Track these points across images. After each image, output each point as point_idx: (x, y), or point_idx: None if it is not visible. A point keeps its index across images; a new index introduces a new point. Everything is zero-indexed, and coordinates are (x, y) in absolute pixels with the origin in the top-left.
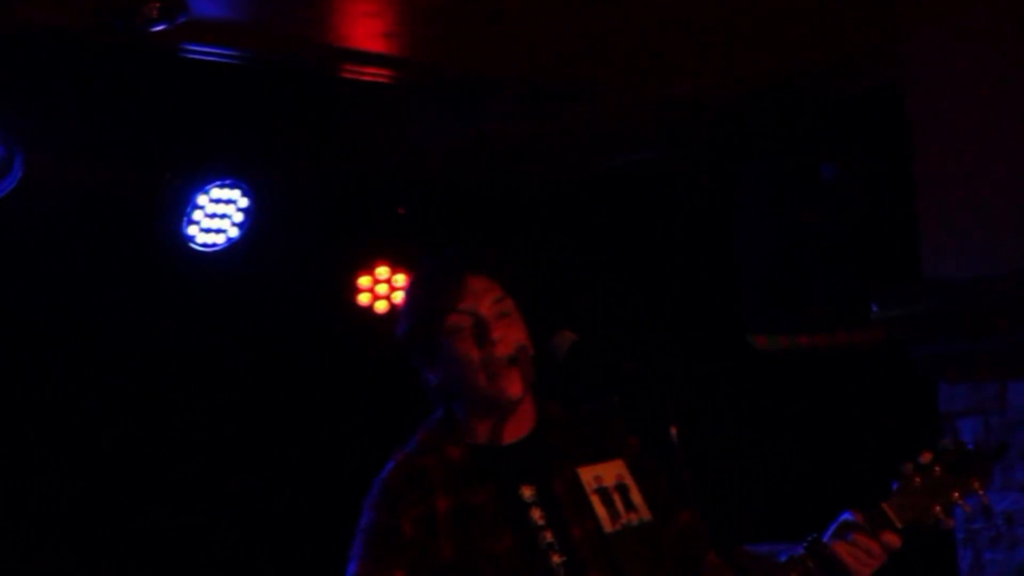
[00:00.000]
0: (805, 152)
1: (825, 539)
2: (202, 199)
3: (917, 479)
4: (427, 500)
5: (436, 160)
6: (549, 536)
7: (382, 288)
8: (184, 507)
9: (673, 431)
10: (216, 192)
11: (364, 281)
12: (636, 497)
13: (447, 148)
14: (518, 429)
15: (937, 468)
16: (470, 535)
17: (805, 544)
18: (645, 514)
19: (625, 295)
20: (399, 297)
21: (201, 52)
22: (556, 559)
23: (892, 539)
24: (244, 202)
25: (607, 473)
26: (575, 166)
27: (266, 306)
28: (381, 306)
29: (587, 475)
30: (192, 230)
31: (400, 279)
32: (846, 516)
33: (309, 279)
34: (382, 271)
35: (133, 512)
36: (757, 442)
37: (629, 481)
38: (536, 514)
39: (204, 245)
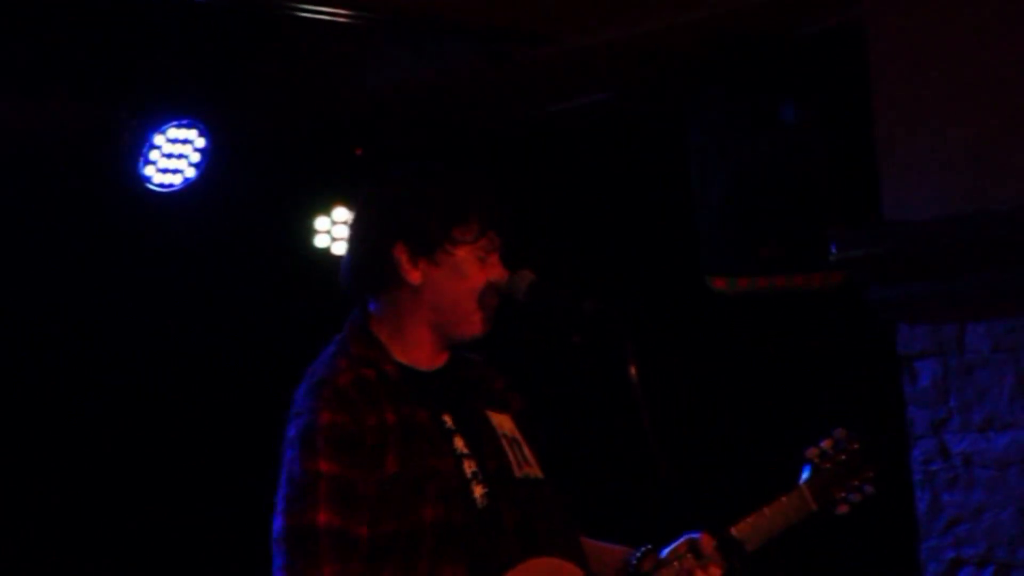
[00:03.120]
0: (763, 92)
1: (663, 554)
2: (159, 139)
3: (826, 464)
4: (377, 410)
5: (393, 101)
6: (472, 465)
7: (340, 230)
8: (147, 462)
9: (632, 371)
10: (173, 132)
11: (322, 223)
12: (528, 453)
13: (403, 89)
14: (437, 358)
15: (839, 456)
16: (415, 451)
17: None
18: (538, 471)
19: (582, 238)
20: None
21: None
22: (478, 490)
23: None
24: (201, 142)
25: (504, 424)
26: (529, 109)
27: (223, 247)
28: (339, 248)
29: (493, 419)
30: (149, 170)
31: None
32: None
33: (266, 220)
34: (340, 213)
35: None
36: (716, 384)
37: (519, 437)
38: (459, 442)
39: (161, 186)
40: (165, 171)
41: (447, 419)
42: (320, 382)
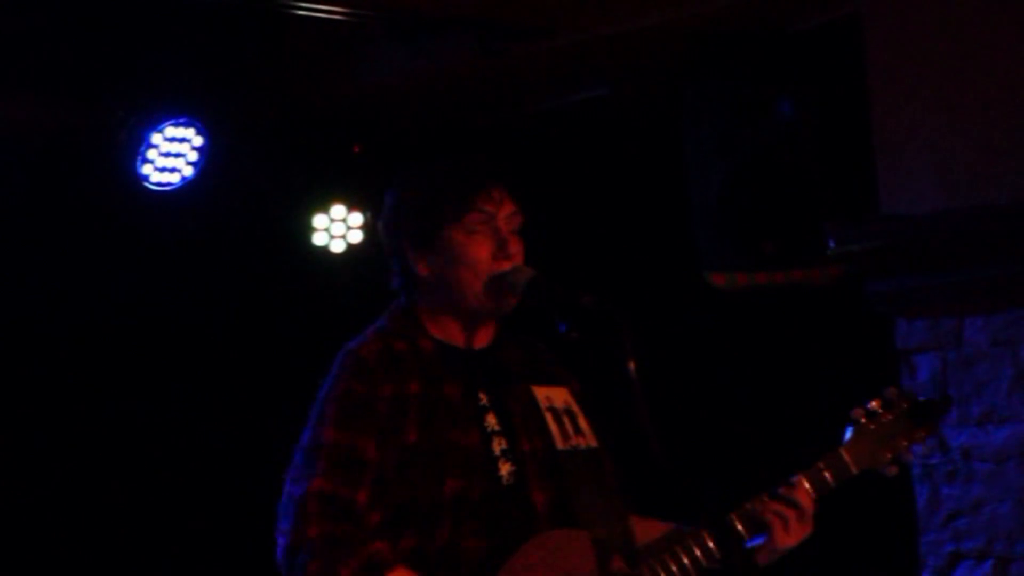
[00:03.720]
0: (760, 87)
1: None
2: (156, 138)
3: (871, 426)
4: (400, 380)
5: (390, 98)
6: (503, 443)
7: (338, 228)
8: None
9: (631, 366)
10: (170, 131)
11: (320, 221)
12: (583, 423)
13: (400, 86)
14: (478, 339)
15: (887, 416)
16: (437, 423)
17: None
18: (592, 440)
19: (579, 234)
20: (355, 237)
21: None
22: (505, 468)
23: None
24: (198, 141)
25: (556, 396)
26: (526, 104)
27: (221, 246)
28: (337, 246)
29: (540, 394)
30: (146, 169)
31: (356, 218)
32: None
33: (264, 218)
34: (338, 210)
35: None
36: (714, 379)
37: (575, 409)
38: (491, 419)
39: (158, 184)
40: (163, 170)
41: (482, 396)
42: (346, 352)
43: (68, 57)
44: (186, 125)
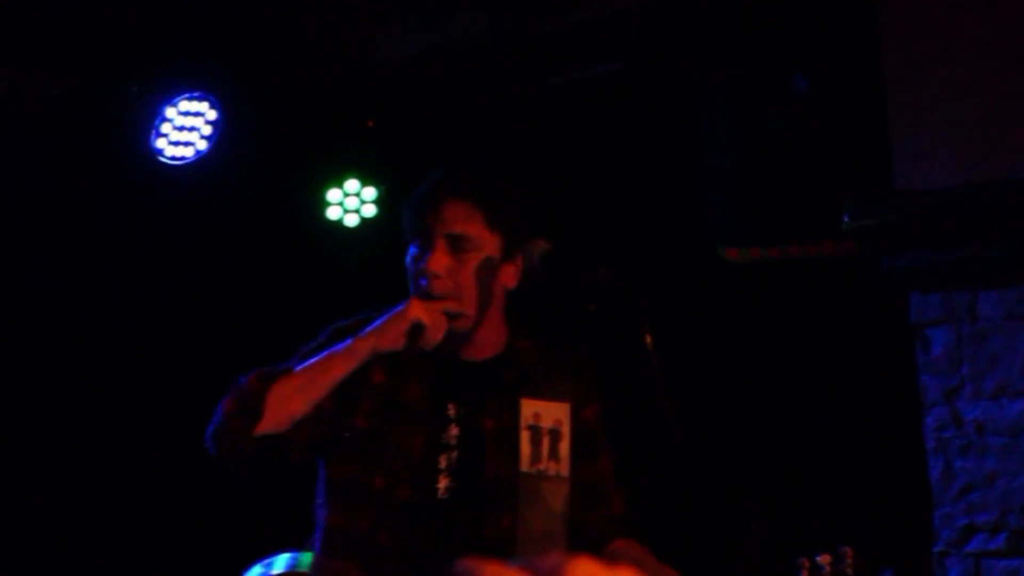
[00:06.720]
0: (774, 61)
1: None
2: (170, 112)
3: None
4: (366, 365)
5: (404, 72)
6: (452, 458)
7: (352, 202)
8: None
9: (648, 340)
10: (184, 105)
11: (333, 195)
12: (564, 448)
13: (414, 61)
14: (480, 349)
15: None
16: (386, 419)
17: None
18: (564, 470)
19: (592, 209)
20: (369, 211)
21: None
22: (443, 482)
23: None
24: (212, 115)
25: (547, 413)
26: (539, 80)
27: (235, 220)
28: (351, 220)
29: (528, 408)
30: (160, 143)
31: (370, 192)
32: None
33: (278, 192)
34: (351, 184)
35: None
36: (728, 354)
37: (565, 429)
38: (452, 432)
39: (172, 158)
40: (177, 144)
41: (451, 407)
42: (336, 322)
43: (83, 31)
44: (200, 99)
